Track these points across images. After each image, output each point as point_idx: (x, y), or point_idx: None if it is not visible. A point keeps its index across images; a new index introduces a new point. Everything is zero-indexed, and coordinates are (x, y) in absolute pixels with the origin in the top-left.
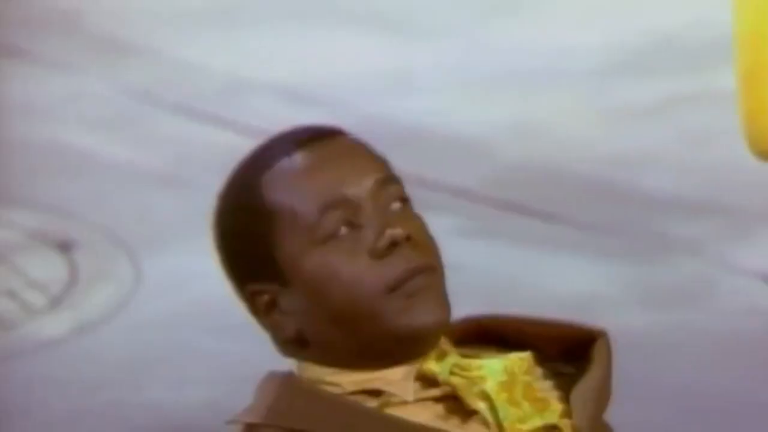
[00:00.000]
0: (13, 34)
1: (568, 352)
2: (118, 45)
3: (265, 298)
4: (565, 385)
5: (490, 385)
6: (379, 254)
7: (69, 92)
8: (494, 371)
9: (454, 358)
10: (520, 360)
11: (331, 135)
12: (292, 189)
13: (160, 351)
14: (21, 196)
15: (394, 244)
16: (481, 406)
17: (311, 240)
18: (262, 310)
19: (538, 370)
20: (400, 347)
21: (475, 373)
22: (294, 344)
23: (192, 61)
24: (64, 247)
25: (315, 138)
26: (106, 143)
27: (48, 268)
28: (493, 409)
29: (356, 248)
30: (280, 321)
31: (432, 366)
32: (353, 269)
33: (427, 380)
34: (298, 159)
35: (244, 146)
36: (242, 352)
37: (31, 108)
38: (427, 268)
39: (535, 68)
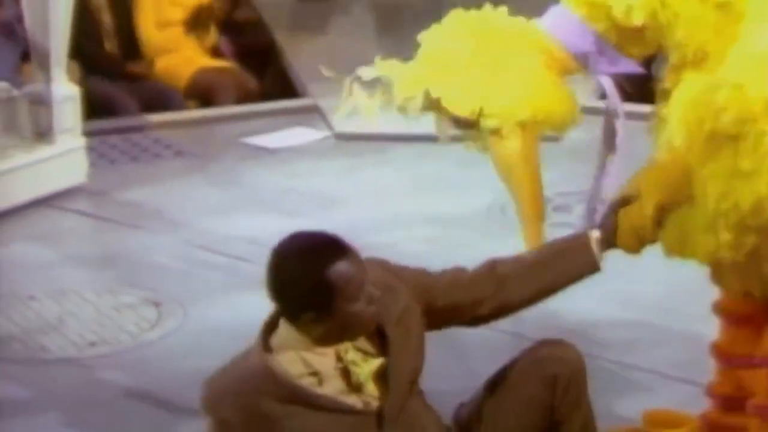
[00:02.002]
0: None
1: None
2: None
3: (311, 315)
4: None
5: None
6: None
7: None
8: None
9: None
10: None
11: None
12: (347, 279)
13: None
14: None
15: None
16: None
17: (353, 301)
18: (303, 320)
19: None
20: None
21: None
22: (306, 331)
23: None
24: None
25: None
26: None
27: None
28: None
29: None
30: (311, 325)
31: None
32: (362, 311)
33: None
34: (346, 264)
35: None
36: None
37: None
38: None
39: None
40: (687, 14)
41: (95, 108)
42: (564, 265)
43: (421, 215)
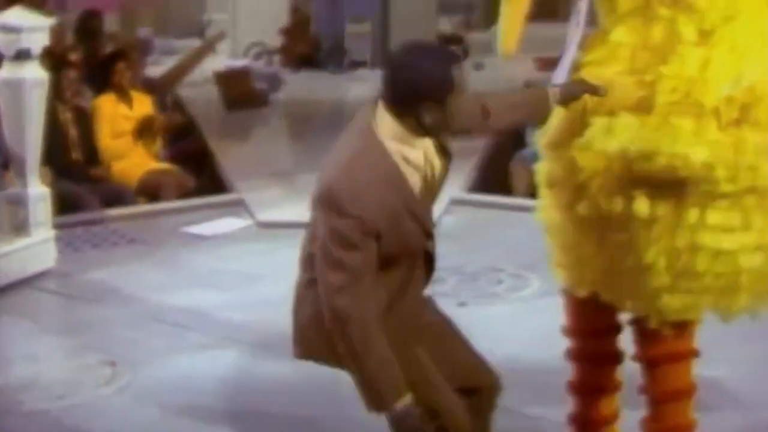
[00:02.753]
0: None
1: None
2: None
3: (429, 104)
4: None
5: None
6: None
7: None
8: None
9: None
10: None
11: None
12: (461, 79)
13: None
14: None
15: None
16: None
17: (458, 98)
18: (420, 109)
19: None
20: None
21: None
22: (409, 123)
23: None
24: None
25: None
26: None
27: None
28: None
29: None
30: (424, 114)
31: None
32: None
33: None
34: (460, 68)
35: None
36: None
37: None
38: None
39: None
40: None
41: (63, 205)
42: (530, 109)
43: None
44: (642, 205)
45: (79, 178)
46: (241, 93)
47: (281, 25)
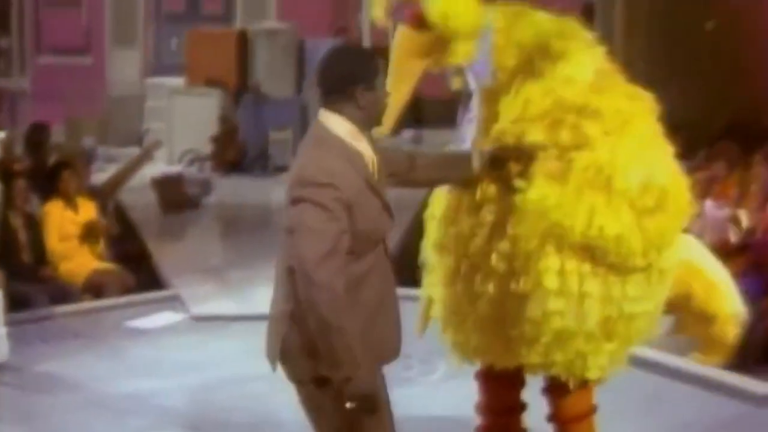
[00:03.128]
0: None
1: None
2: None
3: (362, 86)
4: None
5: None
6: None
7: None
8: None
9: None
10: None
11: None
12: (384, 64)
13: None
14: None
15: None
16: None
17: (384, 81)
18: (356, 93)
19: None
20: None
21: None
22: (352, 113)
23: None
24: None
25: None
26: None
27: None
28: None
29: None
30: (360, 97)
31: None
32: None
33: None
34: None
35: None
36: None
37: None
38: None
39: None
40: None
41: (14, 303)
42: (453, 169)
43: (254, 373)
44: (551, 279)
45: (29, 278)
46: (175, 197)
47: (211, 134)
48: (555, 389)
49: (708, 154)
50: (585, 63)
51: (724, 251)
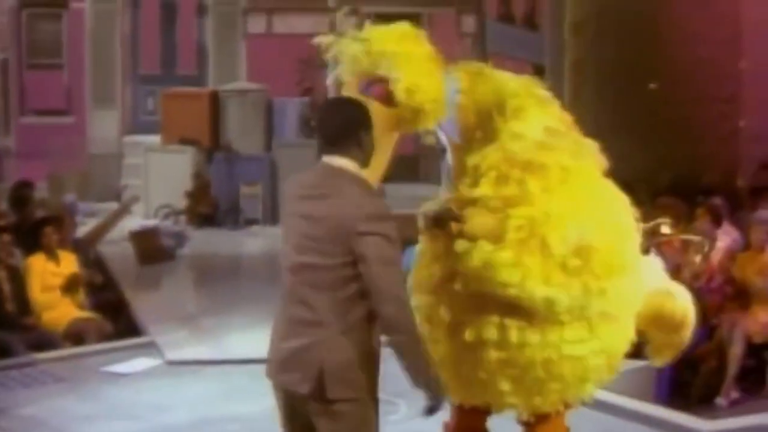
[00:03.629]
0: None
1: None
2: None
3: (364, 131)
4: None
5: None
6: None
7: None
8: None
9: None
10: None
11: None
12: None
13: None
14: None
15: None
16: None
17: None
18: (361, 138)
19: None
20: None
21: None
22: (357, 156)
23: None
24: None
25: None
26: None
27: None
28: None
29: None
30: (364, 141)
31: None
32: None
33: None
34: None
35: None
36: None
37: None
38: None
39: None
40: None
41: None
42: (405, 228)
43: (227, 415)
44: (491, 332)
45: (12, 327)
46: (152, 249)
47: (186, 189)
48: (525, 421)
49: (653, 208)
50: (535, 120)
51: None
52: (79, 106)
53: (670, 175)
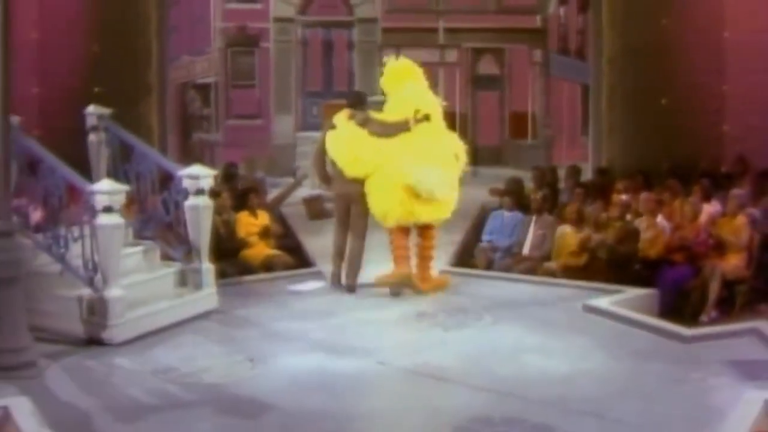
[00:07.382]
0: None
1: None
2: None
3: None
4: None
5: None
6: None
7: None
8: None
9: None
10: None
11: None
12: None
13: None
14: None
15: None
16: None
17: None
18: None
19: None
20: None
21: None
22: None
23: None
24: None
25: None
26: None
27: None
28: None
29: None
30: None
31: None
32: None
33: None
34: None
35: None
36: None
37: None
38: None
39: None
40: None
41: (221, 274)
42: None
43: (371, 319)
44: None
45: (227, 258)
46: (317, 209)
47: None
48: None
49: (659, 187)
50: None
51: (668, 247)
52: (266, 112)
53: (669, 164)
